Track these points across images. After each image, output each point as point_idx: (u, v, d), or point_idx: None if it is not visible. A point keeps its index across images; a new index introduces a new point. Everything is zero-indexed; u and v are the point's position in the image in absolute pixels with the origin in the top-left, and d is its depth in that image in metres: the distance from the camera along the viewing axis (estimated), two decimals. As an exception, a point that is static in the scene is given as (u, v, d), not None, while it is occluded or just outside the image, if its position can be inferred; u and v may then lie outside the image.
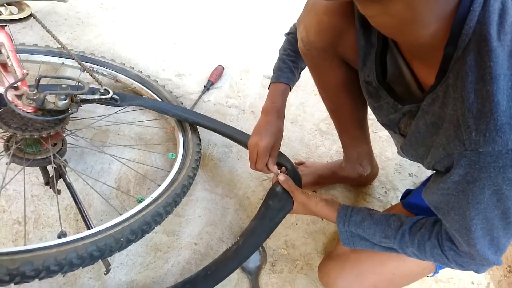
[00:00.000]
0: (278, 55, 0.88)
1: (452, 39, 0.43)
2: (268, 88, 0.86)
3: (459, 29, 0.42)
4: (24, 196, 0.89)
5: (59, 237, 0.66)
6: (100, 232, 0.67)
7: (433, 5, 0.41)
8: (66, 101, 0.78)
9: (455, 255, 0.58)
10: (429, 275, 0.79)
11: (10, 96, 0.77)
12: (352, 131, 0.93)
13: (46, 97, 0.76)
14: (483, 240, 0.51)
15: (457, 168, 0.45)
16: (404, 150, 0.61)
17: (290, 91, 0.86)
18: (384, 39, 0.58)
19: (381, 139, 1.24)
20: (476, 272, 0.60)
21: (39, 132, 0.76)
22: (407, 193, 0.86)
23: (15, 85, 0.78)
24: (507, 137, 0.39)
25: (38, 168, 0.87)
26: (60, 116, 0.79)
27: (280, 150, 0.91)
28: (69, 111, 0.80)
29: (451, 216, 0.52)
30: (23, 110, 0.76)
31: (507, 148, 0.40)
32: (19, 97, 0.77)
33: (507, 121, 0.39)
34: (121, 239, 0.68)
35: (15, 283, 0.56)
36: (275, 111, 0.82)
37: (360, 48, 0.64)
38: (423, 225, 0.63)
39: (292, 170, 0.86)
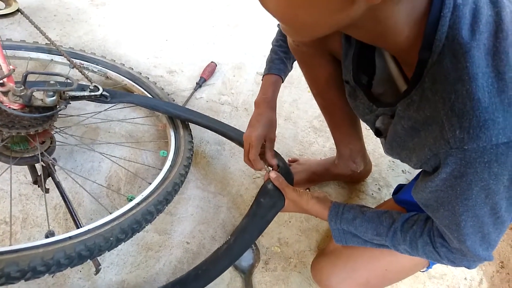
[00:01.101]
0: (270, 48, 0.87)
1: (425, 44, 0.44)
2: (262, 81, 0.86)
3: (432, 35, 0.43)
4: (11, 195, 0.87)
5: (46, 236, 0.65)
6: (89, 231, 0.66)
7: (399, 14, 0.42)
8: (54, 97, 0.77)
9: (447, 251, 0.58)
10: (422, 270, 0.79)
11: (-4, 92, 0.75)
12: (344, 128, 0.92)
13: (33, 93, 0.75)
14: (474, 237, 0.52)
15: (444, 167, 0.46)
16: (388, 154, 0.62)
17: (282, 82, 0.86)
18: None
19: (374, 136, 1.23)
20: (468, 268, 0.60)
21: (26, 130, 0.74)
22: (399, 188, 0.86)
23: (1, 81, 0.76)
24: (490, 132, 0.40)
25: (26, 167, 0.85)
26: (48, 113, 0.77)
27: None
28: (58, 108, 0.78)
29: (440, 213, 0.53)
30: (9, 107, 0.74)
31: (491, 144, 0.40)
32: (5, 93, 0.75)
33: (490, 117, 0.39)
34: (111, 238, 0.66)
35: (0, 285, 0.55)
36: (265, 102, 0.83)
37: (342, 46, 0.64)
38: (415, 222, 0.63)
39: (284, 167, 0.85)
